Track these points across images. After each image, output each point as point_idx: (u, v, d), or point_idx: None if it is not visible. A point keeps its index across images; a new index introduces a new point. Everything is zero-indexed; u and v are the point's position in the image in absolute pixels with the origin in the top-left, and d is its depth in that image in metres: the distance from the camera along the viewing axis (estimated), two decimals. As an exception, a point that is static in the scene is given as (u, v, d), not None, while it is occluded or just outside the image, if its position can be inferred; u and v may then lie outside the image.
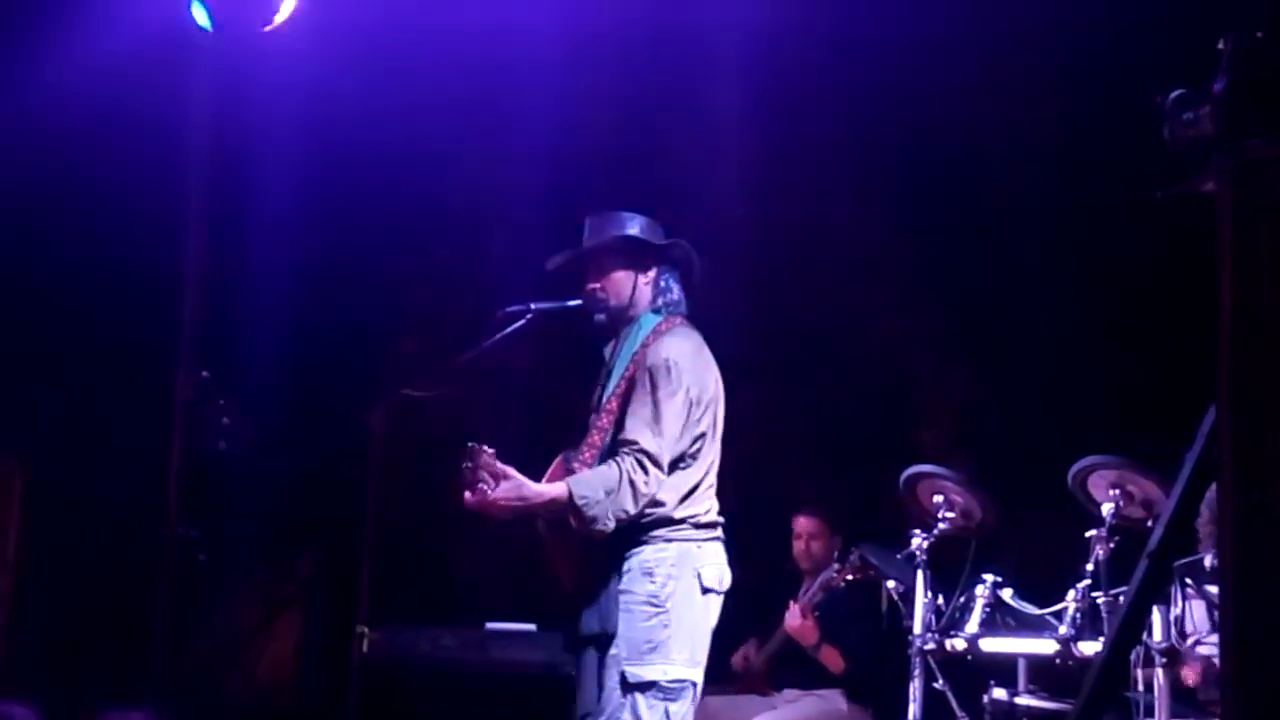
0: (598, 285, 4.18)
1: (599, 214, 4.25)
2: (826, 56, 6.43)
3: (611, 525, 3.86)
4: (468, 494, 3.91)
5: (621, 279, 4.17)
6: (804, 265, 6.76)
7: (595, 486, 3.86)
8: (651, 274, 4.18)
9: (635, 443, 3.90)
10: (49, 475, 6.31)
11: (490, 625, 5.63)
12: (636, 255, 4.18)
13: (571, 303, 4.21)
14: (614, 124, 6.75)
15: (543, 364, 6.50)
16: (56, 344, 6.58)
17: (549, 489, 3.92)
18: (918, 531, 5.19)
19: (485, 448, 3.87)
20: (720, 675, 4.66)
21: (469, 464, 3.86)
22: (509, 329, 4.16)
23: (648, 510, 3.91)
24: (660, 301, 4.17)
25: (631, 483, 3.86)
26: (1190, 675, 4.52)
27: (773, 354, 6.48)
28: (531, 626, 5.56)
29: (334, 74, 6.64)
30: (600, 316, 4.18)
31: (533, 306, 4.17)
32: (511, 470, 3.90)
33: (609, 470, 3.88)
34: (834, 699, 5.86)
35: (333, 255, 6.93)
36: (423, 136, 6.80)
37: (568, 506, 3.86)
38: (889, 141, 6.51)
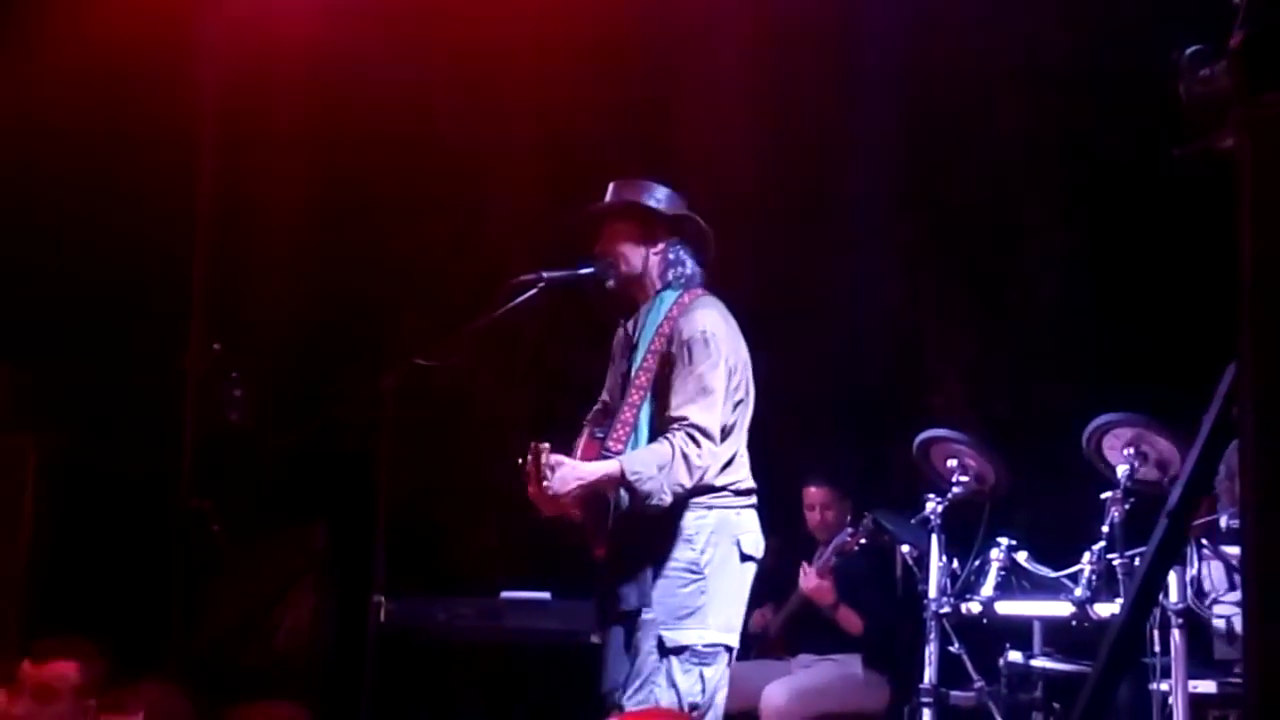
0: (608, 250, 4.17)
1: (623, 181, 4.23)
2: (831, 21, 6.39)
3: (668, 499, 3.88)
4: (531, 488, 3.91)
5: (630, 247, 4.16)
6: (809, 232, 6.73)
7: (648, 462, 3.87)
8: (661, 246, 4.15)
9: (685, 418, 3.90)
10: (63, 451, 6.32)
11: (505, 594, 5.64)
12: (646, 224, 4.16)
13: (583, 271, 4.20)
14: (617, 92, 6.72)
15: (553, 333, 6.49)
16: (68, 319, 6.58)
17: (602, 467, 3.93)
18: (931, 496, 5.19)
19: (545, 444, 3.88)
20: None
21: (532, 460, 3.85)
22: (520, 298, 4.15)
23: None
24: (672, 275, 4.15)
25: (685, 457, 3.86)
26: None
27: (780, 322, 6.45)
28: (546, 595, 5.57)
29: (339, 43, 6.62)
30: (610, 283, 4.17)
31: (544, 276, 4.16)
32: (559, 457, 3.90)
33: (661, 446, 3.89)
34: (850, 664, 5.87)
35: (341, 226, 6.93)
36: (428, 105, 6.78)
37: (621, 483, 3.87)
38: (893, 106, 6.47)
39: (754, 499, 4.09)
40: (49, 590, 6.19)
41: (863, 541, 5.62)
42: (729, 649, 3.99)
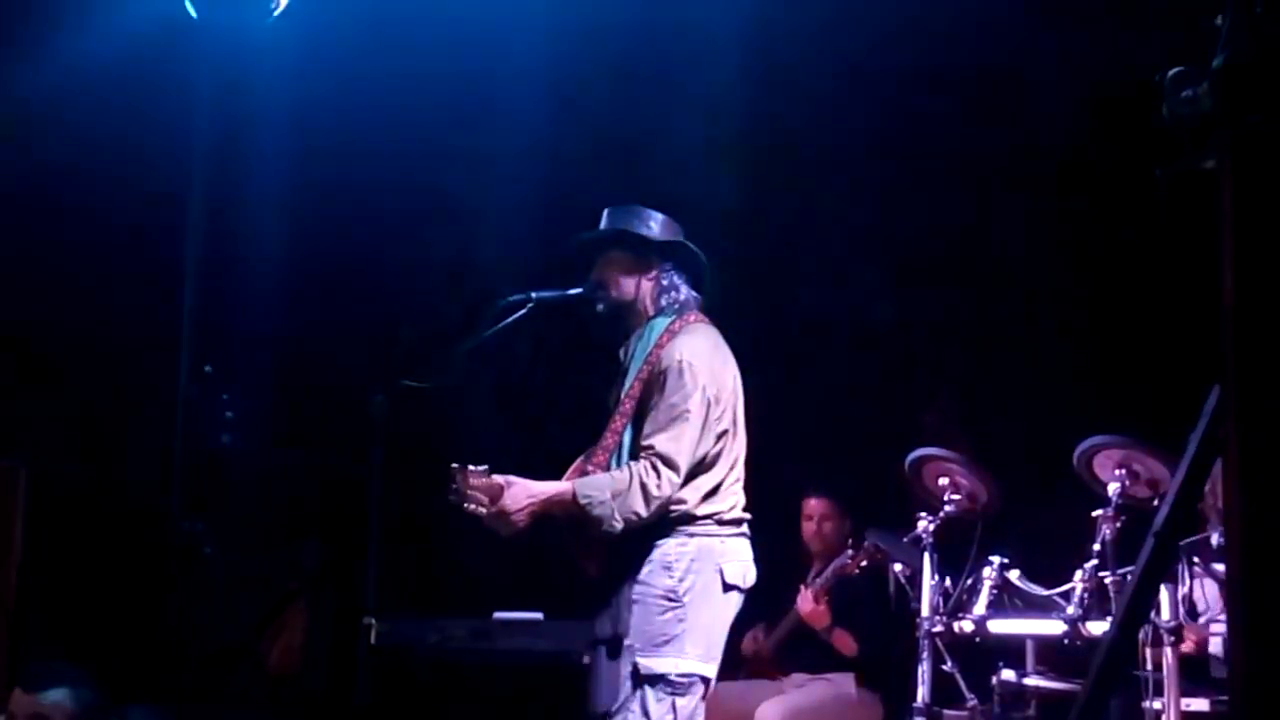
0: (600, 277, 4.17)
1: (618, 207, 4.23)
2: (820, 39, 6.41)
3: (619, 526, 3.87)
4: (484, 512, 3.91)
5: (623, 273, 4.17)
6: (802, 250, 6.75)
7: (602, 487, 3.87)
8: (654, 273, 4.15)
9: (651, 446, 3.90)
10: (53, 473, 6.31)
11: (498, 615, 5.62)
12: (639, 252, 4.16)
13: (572, 292, 4.20)
14: (609, 112, 6.73)
15: (544, 353, 6.49)
16: (58, 341, 6.57)
17: (553, 487, 3.94)
18: (924, 514, 5.19)
19: (471, 467, 3.86)
20: (728, 661, 4.69)
21: (454, 486, 3.86)
22: (510, 318, 4.15)
23: (671, 507, 3.91)
24: (665, 301, 4.15)
25: (643, 485, 3.85)
26: (1189, 646, 4.52)
27: (772, 340, 6.47)
28: (539, 615, 5.55)
29: (330, 64, 6.63)
30: (600, 307, 4.18)
31: (534, 296, 4.16)
32: (510, 477, 3.90)
33: (620, 474, 3.90)
34: (843, 683, 5.86)
35: (332, 247, 6.93)
36: (418, 125, 6.79)
37: (573, 506, 3.86)
38: (884, 125, 6.49)
39: (743, 528, 4.06)
40: (40, 616, 6.17)
41: (864, 564, 5.61)
42: (705, 680, 3.96)
